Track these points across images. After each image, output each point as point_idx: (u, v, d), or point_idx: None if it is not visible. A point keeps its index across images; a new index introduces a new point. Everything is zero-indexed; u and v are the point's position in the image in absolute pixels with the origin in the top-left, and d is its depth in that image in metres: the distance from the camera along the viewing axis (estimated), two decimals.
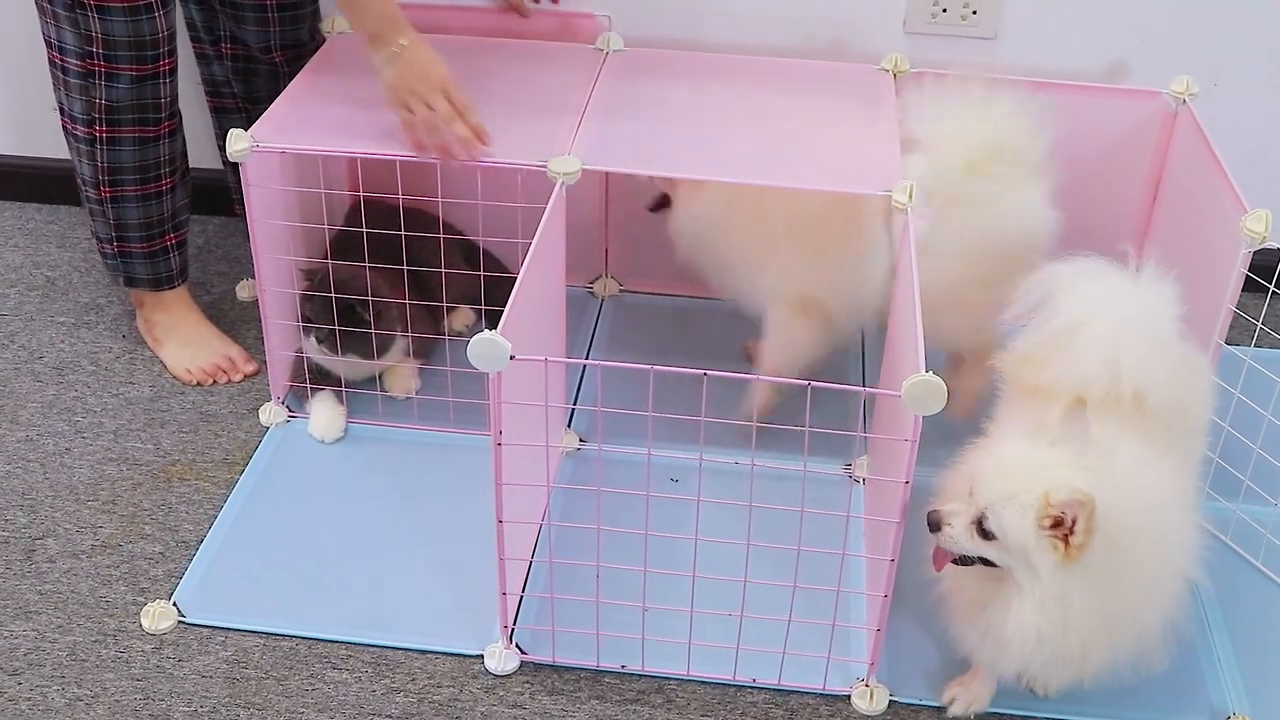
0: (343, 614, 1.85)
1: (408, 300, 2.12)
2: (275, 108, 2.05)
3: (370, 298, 2.03)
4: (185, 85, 2.22)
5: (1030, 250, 1.93)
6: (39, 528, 1.98)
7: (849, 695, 1.75)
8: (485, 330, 1.54)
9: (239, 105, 2.34)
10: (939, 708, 1.74)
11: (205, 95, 2.39)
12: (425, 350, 2.25)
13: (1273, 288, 1.88)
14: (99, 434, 2.16)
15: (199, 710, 1.71)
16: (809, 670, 1.74)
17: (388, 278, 2.09)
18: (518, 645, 1.80)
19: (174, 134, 2.15)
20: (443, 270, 2.10)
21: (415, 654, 1.80)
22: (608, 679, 1.78)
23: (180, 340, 2.30)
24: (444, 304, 2.16)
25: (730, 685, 1.77)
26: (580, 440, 2.15)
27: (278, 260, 2.08)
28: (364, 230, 2.03)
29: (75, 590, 1.88)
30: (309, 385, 2.17)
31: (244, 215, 2.02)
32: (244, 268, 2.53)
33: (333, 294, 2.01)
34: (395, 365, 2.19)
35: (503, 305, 1.59)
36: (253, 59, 2.29)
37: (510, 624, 1.79)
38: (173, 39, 2.07)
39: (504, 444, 1.59)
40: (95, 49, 2.00)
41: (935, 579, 1.64)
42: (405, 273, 2.08)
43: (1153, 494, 1.51)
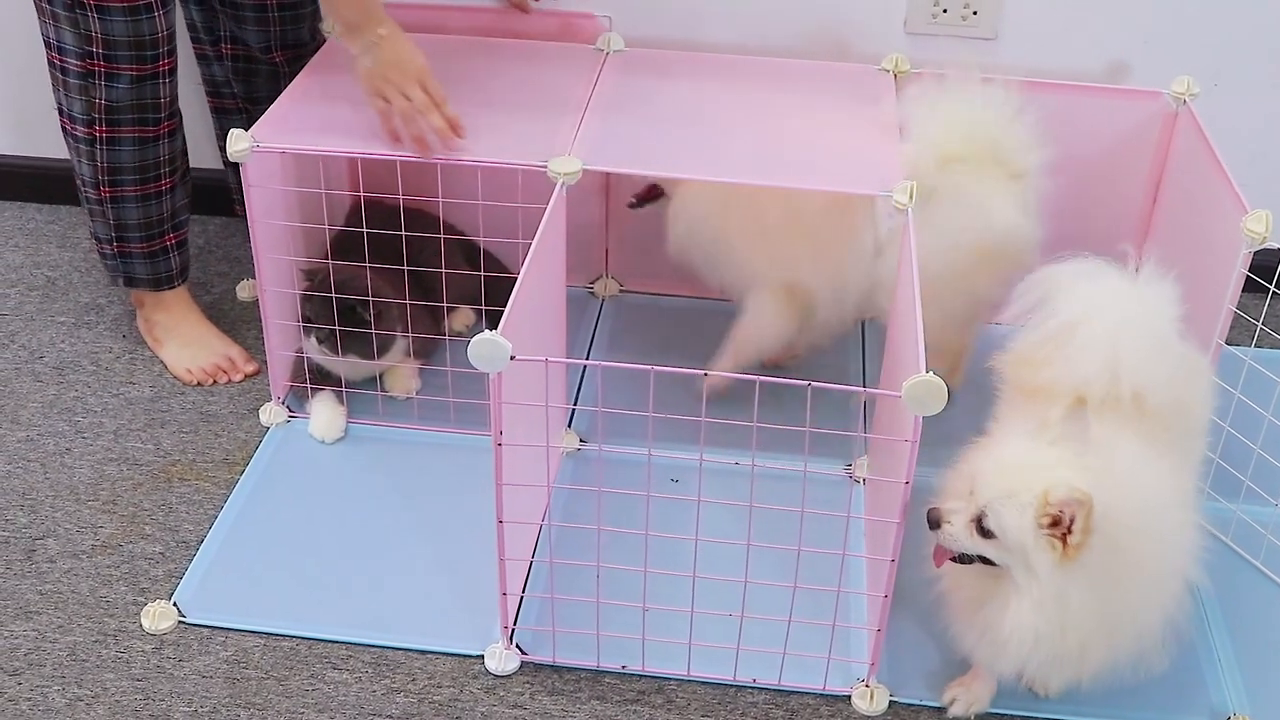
0: (343, 614, 1.85)
1: (408, 300, 2.12)
2: (276, 108, 2.05)
3: (371, 298, 2.03)
4: (185, 85, 2.22)
5: (1001, 252, 1.94)
6: (39, 528, 1.98)
7: (849, 696, 1.75)
8: (485, 330, 1.54)
9: (239, 106, 2.34)
10: (939, 708, 1.74)
11: (206, 96, 2.40)
12: (426, 350, 2.25)
13: (1273, 288, 1.88)
14: (99, 434, 2.16)
15: (199, 710, 1.71)
16: (809, 671, 1.74)
17: (388, 278, 2.09)
18: (518, 645, 1.80)
19: (174, 134, 2.15)
20: (443, 270, 2.10)
21: (415, 654, 1.80)
22: (608, 679, 1.78)
23: (181, 340, 2.30)
24: (444, 304, 2.16)
25: (730, 685, 1.77)
26: (580, 440, 2.15)
27: (278, 260, 2.08)
28: (364, 230, 2.03)
29: (75, 590, 1.88)
30: (309, 385, 2.17)
31: (244, 215, 2.02)
32: (244, 268, 2.53)
33: (333, 294, 2.01)
34: (396, 365, 2.19)
35: (503, 305, 1.59)
36: (253, 59, 2.29)
37: (510, 624, 1.79)
38: (172, 39, 2.07)
39: (504, 444, 1.59)
40: (95, 49, 2.00)
41: (935, 578, 1.64)
42: (406, 273, 2.09)
43: (1153, 494, 1.51)
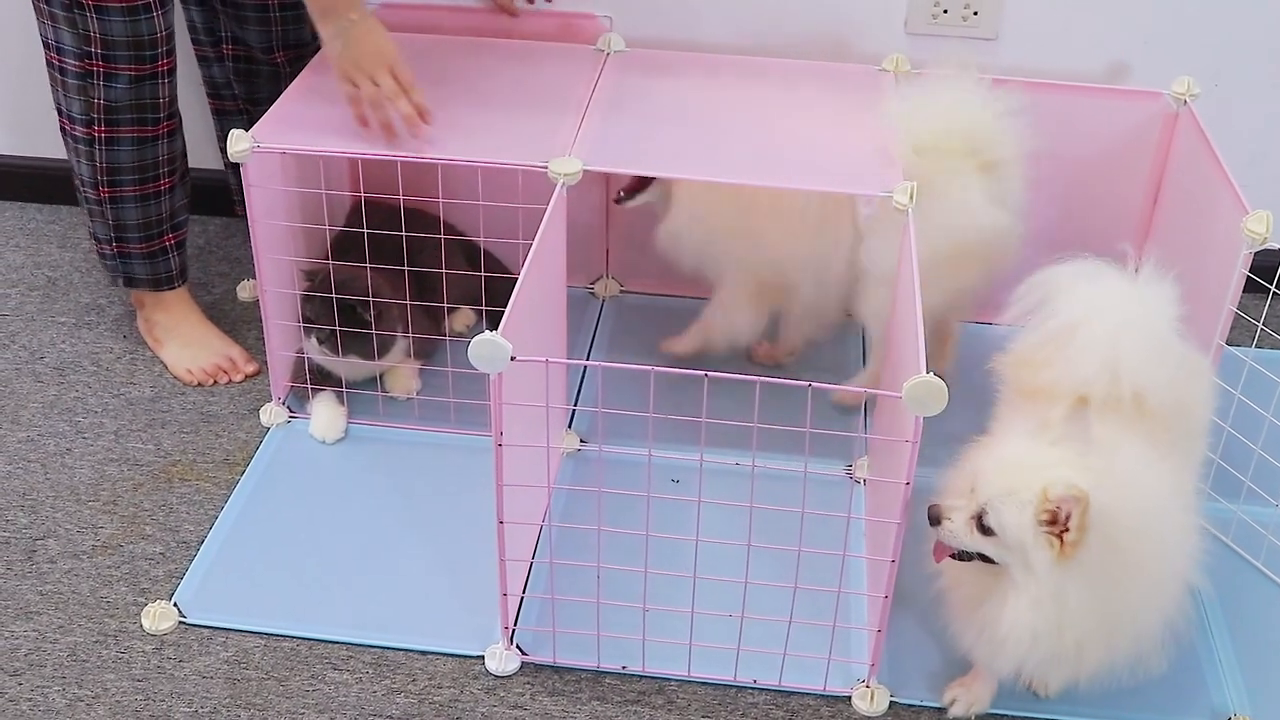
0: (343, 615, 1.85)
1: (408, 301, 2.12)
2: (276, 108, 2.05)
3: (371, 298, 2.03)
4: (186, 87, 2.22)
5: (979, 246, 1.95)
6: (40, 528, 1.98)
7: (850, 696, 1.75)
8: (486, 331, 1.54)
9: (240, 107, 2.34)
10: (940, 709, 1.74)
11: (207, 97, 2.39)
12: (426, 351, 2.25)
13: (1274, 288, 1.88)
14: (100, 434, 2.16)
15: (199, 711, 1.71)
16: (810, 671, 1.74)
17: (388, 278, 2.09)
18: (518, 646, 1.80)
19: (173, 134, 2.15)
20: (443, 271, 2.10)
21: (416, 655, 1.80)
22: (608, 680, 1.78)
23: (181, 340, 2.30)
24: (445, 305, 2.16)
25: (731, 686, 1.77)
26: (581, 441, 2.15)
27: (278, 261, 2.08)
28: (365, 231, 2.03)
29: (76, 591, 1.88)
30: (310, 386, 2.17)
31: (245, 216, 2.02)
32: (245, 268, 2.53)
33: (333, 294, 2.01)
34: (396, 366, 2.19)
35: (503, 306, 1.59)
36: (254, 60, 2.29)
37: (511, 625, 1.79)
38: (171, 39, 2.07)
39: (505, 445, 1.59)
40: (94, 49, 2.00)
41: (934, 576, 1.64)
42: (406, 273, 2.09)
43: (1153, 496, 1.51)
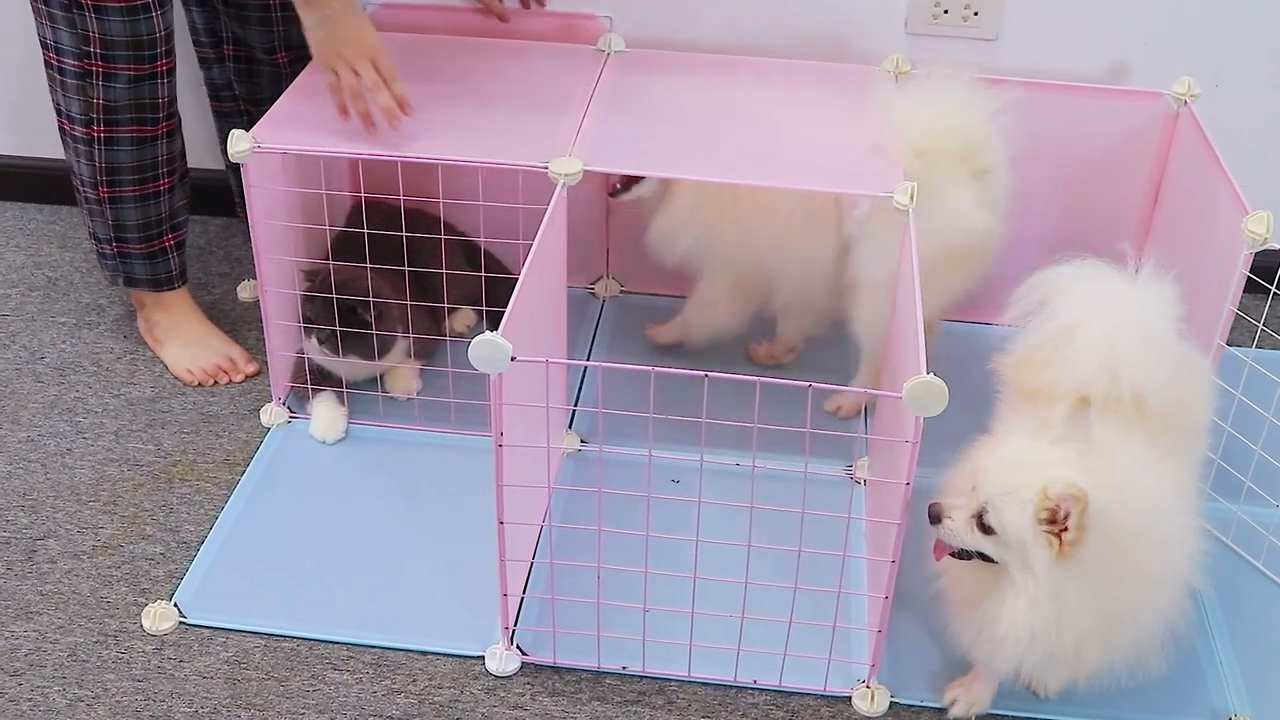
0: (344, 615, 1.85)
1: (409, 301, 2.12)
2: (277, 108, 2.05)
3: (371, 299, 2.03)
4: (186, 87, 2.22)
5: (965, 250, 1.96)
6: (40, 528, 1.98)
7: (850, 697, 1.75)
8: (486, 331, 1.54)
9: (241, 108, 2.34)
10: (940, 709, 1.74)
11: (208, 99, 2.39)
12: (426, 351, 2.25)
13: (1274, 289, 1.88)
14: (100, 434, 2.16)
15: (200, 711, 1.71)
16: (810, 672, 1.74)
17: (389, 279, 2.09)
18: (519, 646, 1.80)
19: (172, 135, 2.15)
20: (444, 271, 2.10)
21: (416, 655, 1.80)
22: (609, 680, 1.78)
23: (181, 341, 2.30)
24: (445, 305, 2.16)
25: (731, 687, 1.77)
26: (581, 441, 2.15)
27: (279, 261, 2.08)
28: (365, 231, 2.03)
29: (76, 591, 1.88)
30: (310, 386, 2.17)
31: (246, 217, 2.02)
32: (245, 268, 2.54)
33: (334, 295, 2.01)
34: (396, 366, 2.19)
35: (504, 306, 1.59)
36: (255, 60, 2.29)
37: (511, 625, 1.79)
38: (170, 39, 2.07)
39: (505, 445, 1.59)
40: (93, 49, 2.00)
41: (934, 576, 1.64)
42: (406, 274, 2.09)
43: (1154, 497, 1.51)
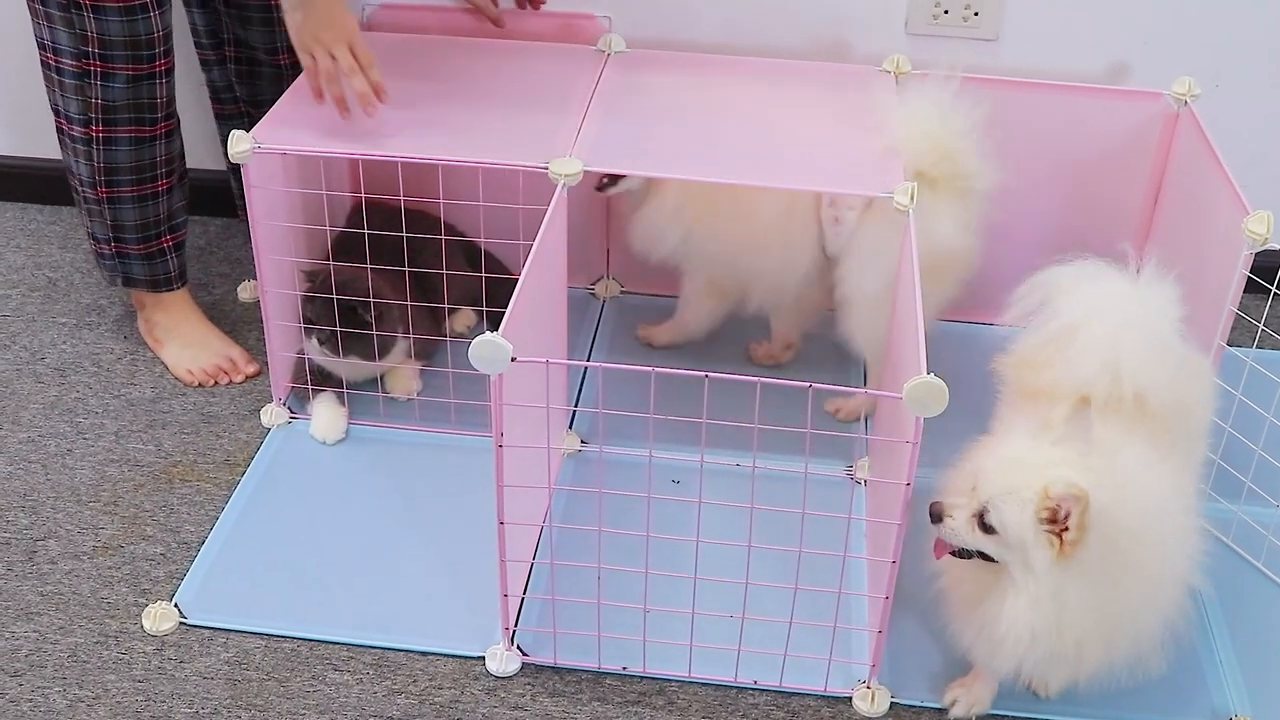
0: (344, 615, 1.85)
1: (409, 302, 2.12)
2: (277, 109, 2.05)
3: (372, 299, 2.03)
4: (187, 88, 2.22)
5: (943, 267, 1.97)
6: (40, 529, 1.98)
7: (850, 697, 1.75)
8: (486, 332, 1.54)
9: (242, 110, 2.34)
10: (940, 709, 1.74)
11: (210, 101, 2.39)
12: (427, 352, 2.25)
13: (1274, 289, 1.88)
14: (100, 435, 2.16)
15: (200, 712, 1.71)
16: (810, 672, 1.74)
17: (389, 279, 2.09)
18: (519, 647, 1.79)
19: (171, 135, 2.15)
20: (444, 272, 2.10)
21: (417, 655, 1.80)
22: (609, 681, 1.78)
23: (181, 341, 2.30)
24: (445, 305, 2.16)
25: (732, 687, 1.77)
26: (582, 442, 2.15)
27: (279, 261, 2.08)
28: (365, 232, 2.03)
29: (77, 591, 1.88)
30: (310, 386, 2.17)
31: (246, 217, 2.02)
32: (245, 269, 2.54)
33: (334, 295, 2.01)
34: (397, 367, 2.19)
35: (504, 307, 1.59)
36: (257, 62, 2.29)
37: (511, 626, 1.79)
38: (168, 39, 2.07)
39: (505, 446, 1.59)
40: (91, 49, 2.00)
41: (934, 576, 1.64)
42: (407, 274, 2.09)
43: (1154, 497, 1.51)
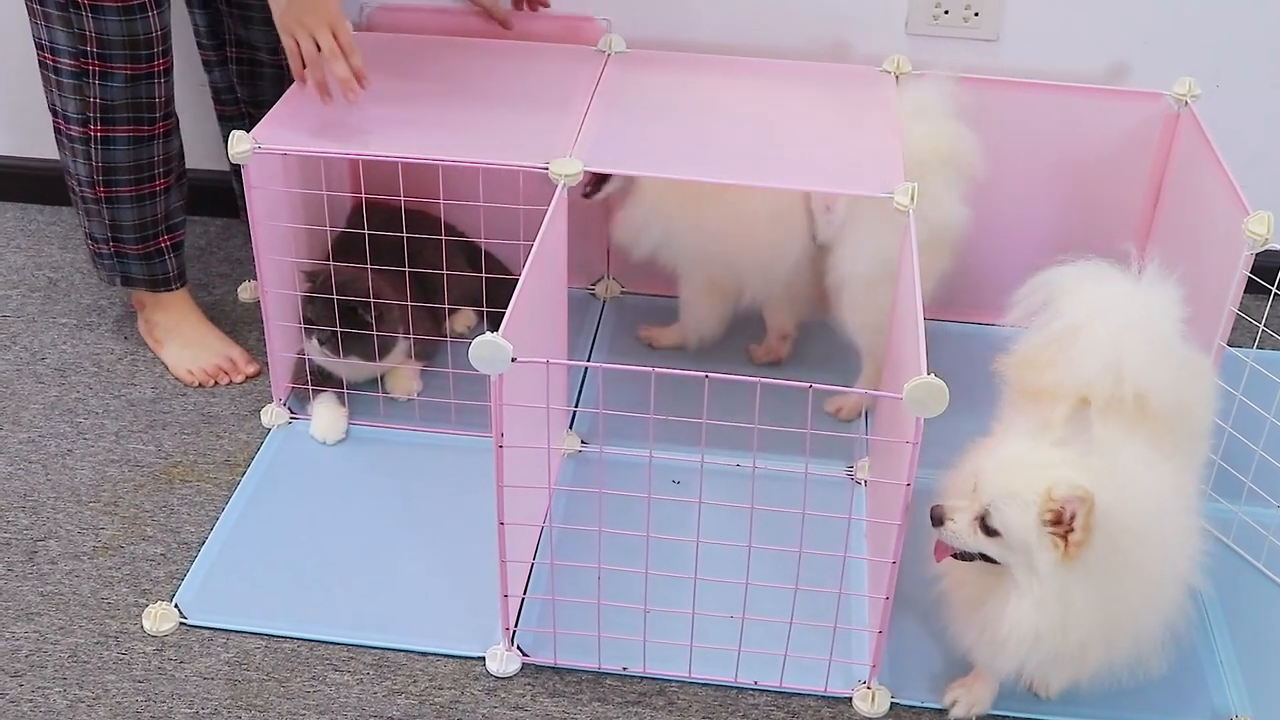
0: (344, 616, 1.85)
1: (409, 302, 2.12)
2: (277, 109, 2.05)
3: (372, 299, 2.03)
4: (188, 88, 2.22)
5: (940, 242, 2.01)
6: (41, 529, 1.98)
7: (850, 697, 1.75)
8: (487, 332, 1.54)
9: (243, 111, 2.34)
10: (941, 710, 1.74)
11: (211, 102, 2.39)
12: (427, 352, 2.25)
13: (1275, 289, 1.88)
14: (101, 435, 2.16)
15: (200, 712, 1.71)
16: (810, 672, 1.74)
17: (389, 279, 2.09)
18: (519, 647, 1.79)
19: (169, 135, 2.15)
20: (444, 272, 2.10)
21: (417, 656, 1.80)
22: (609, 681, 1.78)
23: (181, 341, 2.30)
24: (446, 306, 2.16)
25: (732, 687, 1.77)
26: (582, 442, 2.15)
27: (279, 262, 2.08)
28: (366, 232, 2.03)
29: (77, 592, 1.88)
30: (310, 387, 2.17)
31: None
32: (246, 269, 2.54)
33: (334, 296, 2.01)
34: (397, 367, 2.19)
35: (504, 307, 1.59)
36: (258, 63, 2.29)
37: (512, 626, 1.79)
38: (167, 39, 2.07)
39: (505, 446, 1.59)
40: (89, 48, 2.00)
41: (935, 578, 1.64)
42: (407, 274, 2.09)
43: (1155, 497, 1.51)
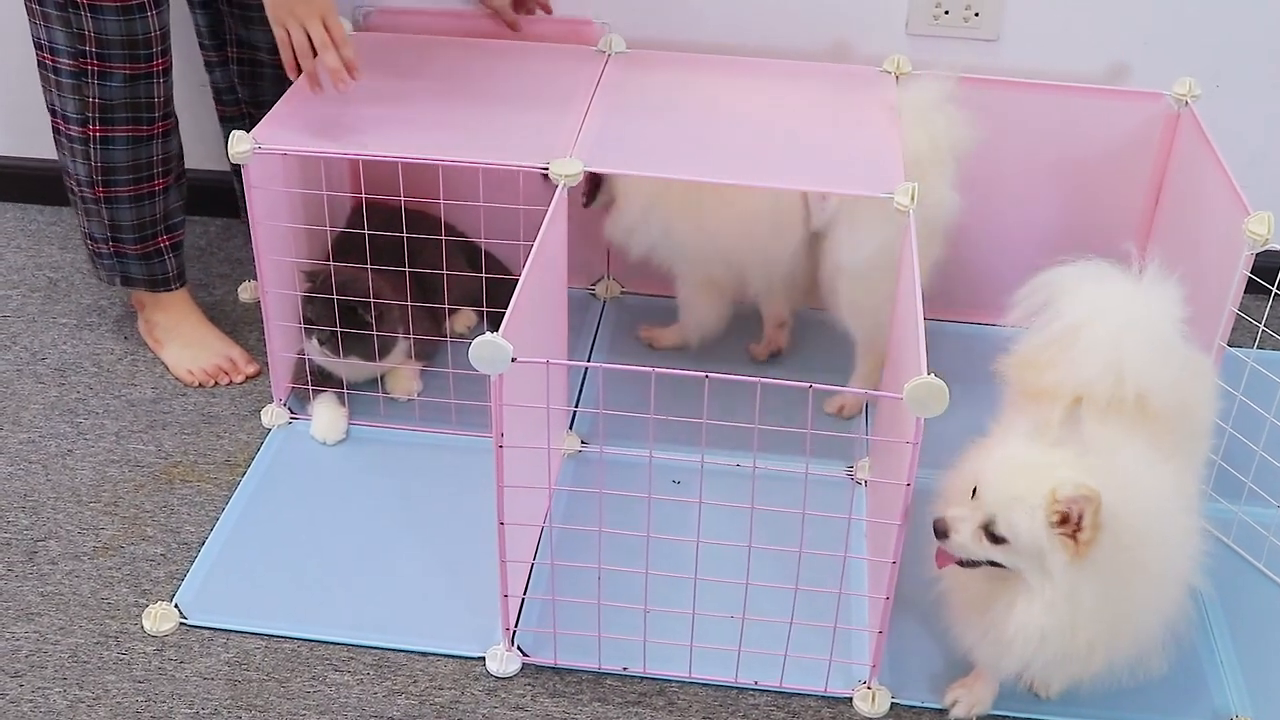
0: (344, 616, 1.85)
1: (409, 302, 2.12)
2: (277, 109, 2.05)
3: (372, 300, 2.03)
4: (189, 88, 2.22)
5: (936, 228, 2.03)
6: (41, 529, 1.98)
7: (851, 698, 1.75)
8: (487, 332, 1.54)
9: (244, 111, 2.34)
10: (941, 710, 1.74)
11: (213, 103, 2.39)
12: (427, 352, 2.25)
13: (1275, 289, 1.88)
14: (101, 435, 2.16)
15: (200, 712, 1.71)
16: (811, 673, 1.74)
17: (389, 280, 2.09)
18: (519, 647, 1.79)
19: (168, 135, 2.15)
20: (444, 272, 2.10)
21: (417, 656, 1.80)
22: (609, 681, 1.78)
23: (181, 341, 2.30)
24: (446, 306, 2.16)
25: (732, 688, 1.77)
26: (582, 442, 2.15)
27: (280, 262, 2.08)
28: (366, 232, 2.03)
29: (77, 592, 1.88)
30: (311, 387, 2.17)
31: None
32: (246, 269, 2.53)
33: (334, 296, 2.01)
34: (397, 367, 2.19)
35: (504, 307, 1.59)
36: (259, 63, 2.29)
37: (512, 626, 1.79)
38: (166, 39, 2.07)
39: (505, 446, 1.59)
40: (88, 48, 2.00)
41: (936, 579, 1.64)
42: (407, 275, 2.09)
43: (1156, 497, 1.51)
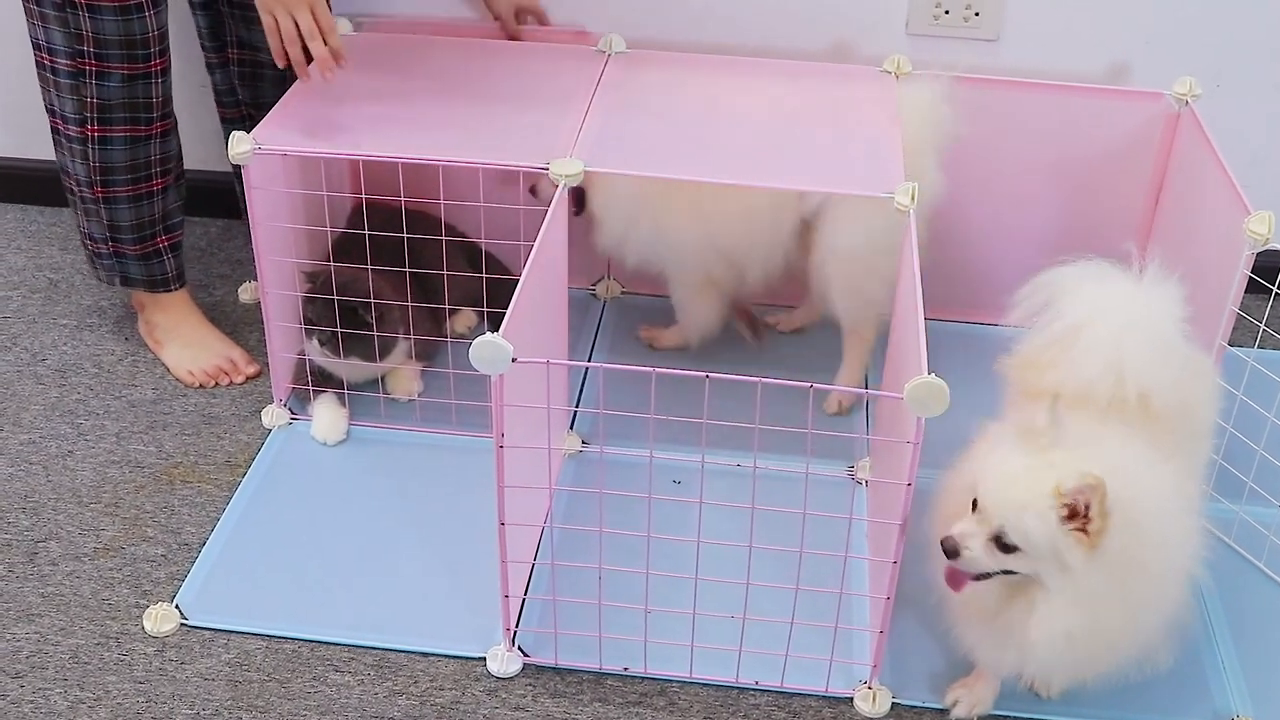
0: (345, 616, 1.85)
1: (410, 302, 2.12)
2: (278, 110, 2.05)
3: (372, 300, 2.03)
4: (189, 88, 2.21)
5: (927, 216, 2.05)
6: (41, 530, 1.98)
7: (851, 698, 1.75)
8: (487, 332, 1.54)
9: (244, 113, 2.33)
10: (942, 710, 1.74)
11: (214, 104, 2.39)
12: (427, 352, 2.25)
13: (1276, 289, 1.88)
14: (101, 436, 2.16)
15: (201, 713, 1.71)
16: (811, 673, 1.74)
17: (390, 280, 2.09)
18: (520, 648, 1.79)
19: (167, 135, 2.15)
20: (444, 272, 2.10)
21: (418, 656, 1.80)
22: (610, 681, 1.78)
23: (181, 342, 2.30)
24: (446, 306, 2.16)
25: (733, 688, 1.77)
26: (582, 442, 2.15)
27: (280, 262, 2.08)
28: (366, 232, 2.03)
29: (77, 593, 1.88)
30: (311, 388, 2.17)
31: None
32: (246, 270, 2.53)
33: (335, 296, 2.01)
34: (397, 367, 2.19)
35: (505, 307, 1.59)
36: (260, 64, 2.29)
37: (512, 626, 1.79)
38: (164, 39, 2.07)
39: (506, 446, 1.59)
40: (86, 48, 2.00)
41: (935, 579, 1.63)
42: (407, 275, 2.08)
43: (1157, 497, 1.50)
